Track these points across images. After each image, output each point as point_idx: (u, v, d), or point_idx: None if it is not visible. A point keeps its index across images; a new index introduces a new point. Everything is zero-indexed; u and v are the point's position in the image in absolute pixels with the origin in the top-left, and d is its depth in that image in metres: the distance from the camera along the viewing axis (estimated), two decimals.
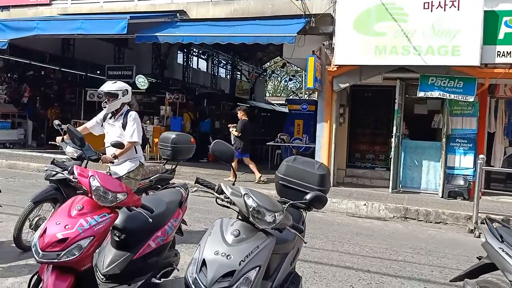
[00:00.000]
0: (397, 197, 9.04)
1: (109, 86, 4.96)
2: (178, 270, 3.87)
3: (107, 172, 4.61)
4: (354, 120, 11.54)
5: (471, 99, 8.80)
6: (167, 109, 14.40)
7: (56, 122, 5.05)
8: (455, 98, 8.92)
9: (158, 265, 3.46)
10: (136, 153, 4.97)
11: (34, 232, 4.55)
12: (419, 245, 6.08)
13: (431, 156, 9.95)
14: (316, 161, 3.60)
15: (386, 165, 10.81)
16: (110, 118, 5.02)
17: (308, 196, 2.77)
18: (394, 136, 9.68)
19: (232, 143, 10.01)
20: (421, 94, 9.05)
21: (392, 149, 9.71)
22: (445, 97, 9.04)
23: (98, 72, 18.07)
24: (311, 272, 4.60)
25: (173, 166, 5.51)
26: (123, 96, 4.94)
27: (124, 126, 4.90)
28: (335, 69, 9.46)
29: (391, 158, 9.79)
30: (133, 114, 4.97)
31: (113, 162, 4.75)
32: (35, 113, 15.94)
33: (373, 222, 7.61)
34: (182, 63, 24.35)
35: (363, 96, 11.51)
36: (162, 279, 3.63)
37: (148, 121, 14.11)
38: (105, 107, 4.98)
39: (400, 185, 10.00)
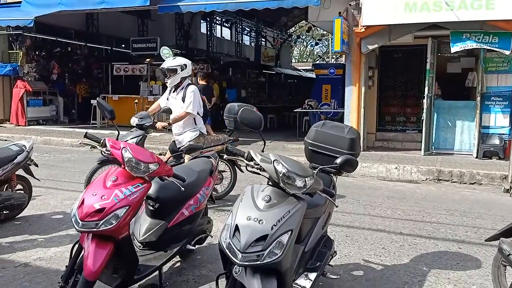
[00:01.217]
0: (429, 159, 8.87)
1: (168, 62, 5.30)
2: (211, 236, 3.98)
3: (172, 141, 5.44)
4: (384, 83, 11.25)
5: (507, 52, 8.38)
6: (193, 79, 14.40)
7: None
8: (490, 48, 8.46)
9: (192, 232, 3.55)
10: (196, 124, 5.36)
11: None
12: (453, 206, 5.99)
13: (465, 116, 9.62)
14: (346, 125, 3.55)
15: (418, 127, 10.60)
16: (174, 92, 5.38)
17: (338, 160, 2.75)
18: (426, 97, 9.39)
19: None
20: (455, 48, 8.62)
21: (424, 111, 9.45)
22: (480, 48, 8.58)
23: (123, 45, 18.19)
24: (343, 235, 4.62)
25: (236, 136, 5.76)
26: (181, 70, 5.23)
27: (183, 99, 5.24)
28: (363, 30, 9.15)
29: (423, 119, 9.54)
30: (191, 88, 5.27)
31: (165, 128, 5.32)
32: (65, 90, 16.27)
33: (405, 185, 7.53)
34: (205, 32, 24.16)
35: (392, 57, 11.17)
36: (197, 246, 3.75)
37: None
38: (167, 83, 5.36)
39: (433, 147, 9.79)
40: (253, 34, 28.79)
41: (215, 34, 24.95)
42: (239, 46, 27.04)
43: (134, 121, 5.25)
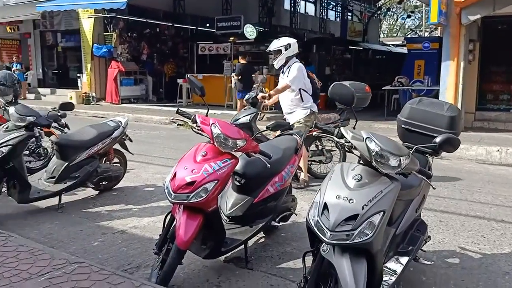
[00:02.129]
0: None
1: (273, 44, 5.38)
2: (296, 214, 3.96)
3: (283, 119, 5.57)
4: (486, 57, 10.24)
5: None
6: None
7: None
8: None
9: (277, 209, 3.56)
10: (303, 101, 5.34)
11: None
12: None
13: None
14: (445, 102, 3.28)
15: None
16: (283, 72, 5.47)
17: (438, 139, 2.53)
18: None
19: (233, 86, 11.96)
20: None
21: None
22: None
23: (208, 25, 18.57)
24: (437, 221, 4.34)
25: (346, 115, 5.67)
26: (285, 50, 5.27)
27: (288, 76, 5.33)
28: None
29: None
30: (297, 65, 5.29)
31: (265, 98, 5.40)
32: (153, 69, 17.12)
33: (508, 169, 6.86)
34: (289, 9, 23.83)
35: (497, 28, 10.16)
36: (281, 223, 3.75)
37: (258, 71, 14.22)
38: (274, 64, 5.51)
39: None
40: (338, 8, 27.82)
41: (298, 10, 24.51)
42: (323, 21, 26.32)
43: (246, 98, 5.58)
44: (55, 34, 17.58)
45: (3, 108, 5.03)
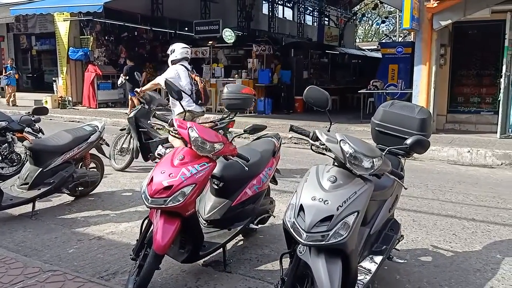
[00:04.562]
0: (506, 143, 8.26)
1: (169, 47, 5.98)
2: (274, 216, 3.99)
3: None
4: (457, 61, 10.53)
5: None
6: (254, 61, 14.40)
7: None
8: None
9: (255, 212, 3.59)
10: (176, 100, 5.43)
11: None
12: None
13: None
14: (416, 105, 3.38)
15: (494, 109, 9.93)
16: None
17: (409, 141, 2.61)
18: (503, 76, 8.72)
19: (119, 84, 13.27)
20: None
21: (501, 91, 8.79)
22: None
23: (186, 29, 18.51)
24: (410, 220, 4.44)
25: (231, 117, 5.30)
26: (171, 54, 5.87)
27: None
28: (435, 4, 8.61)
29: (499, 100, 8.90)
30: (172, 67, 5.76)
31: (138, 93, 6.12)
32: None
33: (478, 170, 7.07)
34: (267, 13, 23.99)
35: (467, 33, 10.44)
36: (259, 225, 3.78)
37: (236, 75, 14.28)
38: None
39: (510, 129, 9.09)
40: (315, 13, 28.14)
41: (277, 15, 24.70)
42: (301, 26, 26.58)
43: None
44: (30, 37, 17.24)
45: None
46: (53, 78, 16.03)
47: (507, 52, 8.69)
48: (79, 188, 4.97)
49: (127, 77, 12.51)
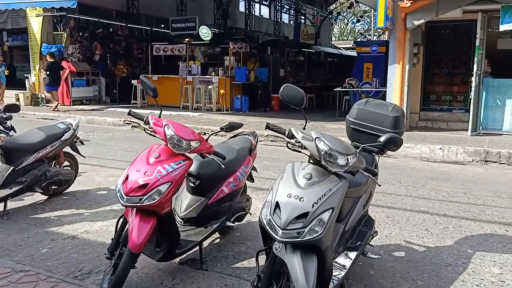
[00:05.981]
0: (476, 140, 8.51)
1: None
2: (250, 214, 4.01)
3: None
4: (430, 60, 10.79)
5: None
6: (231, 59, 14.37)
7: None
8: None
9: (232, 209, 3.60)
10: None
11: None
12: (501, 188, 5.74)
13: None
14: (390, 103, 3.45)
15: (465, 107, 10.19)
16: None
17: (382, 138, 2.66)
18: (474, 74, 8.96)
19: (41, 81, 13.65)
20: (504, 27, 8.15)
21: (472, 89, 9.04)
22: None
23: (162, 26, 18.32)
24: (384, 216, 4.54)
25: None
26: None
27: None
28: (408, 4, 8.77)
29: (470, 98, 9.15)
30: None
31: None
32: (106, 70, 16.66)
33: (450, 166, 7.27)
34: (244, 11, 23.97)
35: (439, 33, 10.69)
36: (236, 223, 3.79)
37: (213, 73, 14.23)
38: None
39: (481, 127, 9.38)
40: (292, 12, 28.27)
41: (253, 13, 24.69)
42: (277, 24, 26.64)
43: None
44: (1, 32, 16.70)
45: None
46: (26, 75, 15.60)
47: (478, 52, 8.93)
48: (53, 187, 4.87)
49: (48, 73, 13.08)
